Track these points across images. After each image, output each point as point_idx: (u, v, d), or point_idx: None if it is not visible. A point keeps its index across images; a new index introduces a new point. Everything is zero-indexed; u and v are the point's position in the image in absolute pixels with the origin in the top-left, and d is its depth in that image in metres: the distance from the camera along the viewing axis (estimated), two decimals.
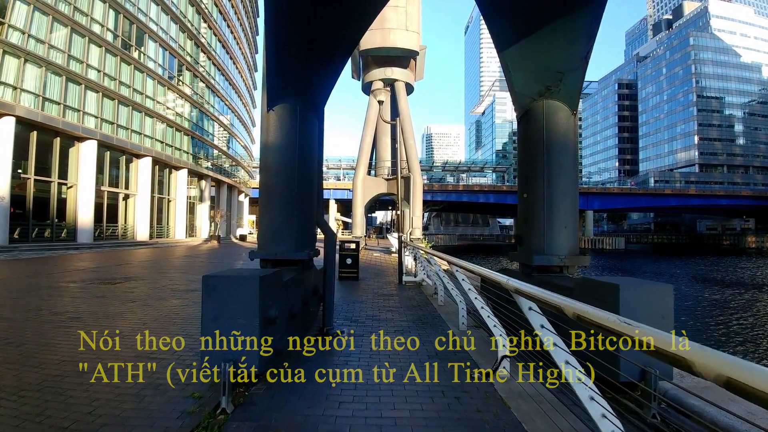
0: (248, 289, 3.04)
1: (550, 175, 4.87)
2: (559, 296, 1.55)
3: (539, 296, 1.71)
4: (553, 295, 1.62)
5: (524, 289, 1.89)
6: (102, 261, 14.48)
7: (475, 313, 5.83)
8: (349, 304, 7.12)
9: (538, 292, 1.74)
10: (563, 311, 1.44)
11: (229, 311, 3.02)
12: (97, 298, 7.26)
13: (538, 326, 2.02)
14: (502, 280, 2.20)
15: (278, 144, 4.60)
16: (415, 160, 22.18)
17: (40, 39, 20.60)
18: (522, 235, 5.30)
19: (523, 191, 5.31)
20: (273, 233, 4.65)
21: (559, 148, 4.88)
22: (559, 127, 4.86)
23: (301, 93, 4.74)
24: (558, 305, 1.48)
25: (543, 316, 2.04)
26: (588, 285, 3.61)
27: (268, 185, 4.69)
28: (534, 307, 2.04)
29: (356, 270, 10.31)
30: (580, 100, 26.43)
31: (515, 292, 1.98)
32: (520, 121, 5.42)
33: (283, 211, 4.66)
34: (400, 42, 21.07)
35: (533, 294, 1.78)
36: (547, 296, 1.63)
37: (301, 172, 4.72)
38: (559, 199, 4.85)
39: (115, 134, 24.97)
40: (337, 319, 5.96)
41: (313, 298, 5.33)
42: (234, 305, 3.02)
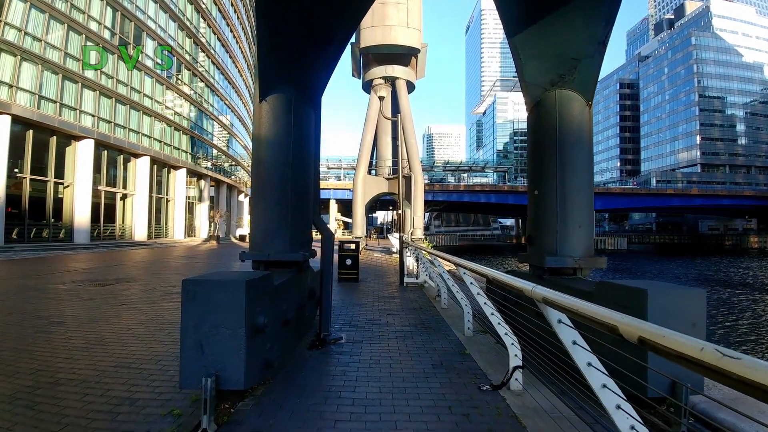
0: (232, 295, 2.72)
1: (564, 170, 4.53)
2: (611, 311, 1.23)
3: (578, 309, 1.38)
4: (599, 308, 1.29)
5: (556, 300, 1.56)
6: (97, 262, 14.18)
7: (481, 316, 5.51)
8: (348, 307, 6.80)
9: (577, 304, 1.41)
10: (618, 331, 1.12)
11: (211, 319, 2.70)
12: (84, 300, 6.95)
13: (569, 342, 1.69)
14: (526, 287, 1.88)
15: (271, 136, 4.28)
16: (417, 159, 21.84)
17: (37, 37, 20.33)
18: (533, 234, 4.95)
19: (533, 188, 4.96)
20: (265, 233, 4.33)
21: (572, 142, 4.54)
22: (572, 119, 4.53)
23: (296, 81, 4.41)
24: (611, 323, 1.15)
25: (576, 331, 1.71)
26: (609, 290, 3.28)
27: (260, 181, 4.37)
28: (565, 320, 1.71)
29: (356, 271, 9.99)
30: None
31: (543, 302, 1.66)
32: (531, 113, 5.07)
33: (276, 209, 4.33)
34: (401, 39, 20.73)
35: (568, 306, 1.45)
36: (593, 310, 1.29)
37: (296, 167, 4.40)
38: (573, 197, 4.51)
39: (113, 133, 24.67)
40: (336, 323, 5.64)
41: (309, 302, 5.01)
42: (216, 313, 2.70)
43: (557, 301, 1.56)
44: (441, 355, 4.22)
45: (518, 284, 2.06)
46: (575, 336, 1.69)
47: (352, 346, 4.50)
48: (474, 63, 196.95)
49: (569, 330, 1.71)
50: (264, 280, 3.07)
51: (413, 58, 22.38)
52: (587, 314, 1.31)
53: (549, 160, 4.68)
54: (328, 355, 4.18)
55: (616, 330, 1.14)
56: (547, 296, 1.62)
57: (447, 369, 3.80)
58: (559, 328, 1.72)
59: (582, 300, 1.44)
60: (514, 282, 2.14)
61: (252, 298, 2.80)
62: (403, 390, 3.31)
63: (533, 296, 1.77)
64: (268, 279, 3.18)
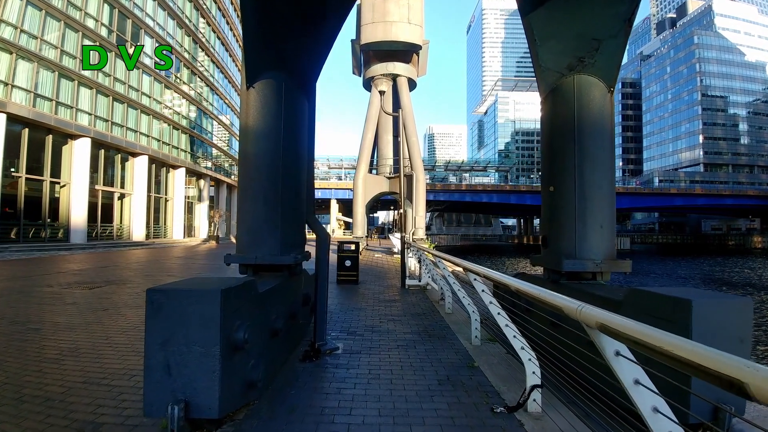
0: (205, 307, 2.30)
1: (583, 164, 4.10)
2: (723, 354, 0.83)
3: (661, 345, 0.95)
4: (697, 347, 0.88)
5: (618, 327, 1.13)
6: (91, 262, 13.82)
7: (488, 322, 5.11)
8: (346, 312, 6.41)
9: (655, 336, 0.99)
10: (748, 390, 0.72)
11: (179, 335, 2.30)
12: (67, 305, 6.57)
13: (630, 381, 1.27)
14: (570, 307, 1.45)
15: (259, 126, 3.87)
16: (418, 158, 21.43)
17: (33, 34, 20.02)
18: (548, 235, 4.51)
19: (548, 184, 4.51)
20: (253, 233, 3.92)
21: (593, 133, 4.12)
22: (593, 107, 4.11)
23: (287, 66, 4.00)
24: (736, 378, 0.75)
25: (640, 367, 1.30)
26: (642, 298, 2.87)
27: (247, 176, 3.97)
28: (626, 352, 1.30)
29: (356, 273, 9.60)
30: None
31: (598, 328, 1.25)
32: (545, 101, 4.63)
33: (264, 207, 3.92)
34: (402, 35, 20.31)
35: (639, 337, 1.01)
36: (692, 350, 0.88)
37: (287, 160, 3.99)
38: (594, 193, 4.09)
39: (110, 132, 24.33)
40: (332, 330, 5.25)
41: (302, 309, 4.61)
42: (187, 328, 2.31)
43: (620, 330, 1.14)
44: (447, 368, 3.82)
45: (559, 302, 1.60)
46: (638, 373, 1.27)
47: (350, 357, 4.10)
48: (475, 62, 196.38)
49: (631, 366, 1.29)
50: (245, 287, 2.66)
51: (415, 55, 21.96)
52: (681, 356, 0.90)
53: (566, 154, 4.24)
54: (323, 368, 3.78)
55: (746, 390, 0.74)
56: (606, 322, 1.20)
57: (454, 385, 3.40)
58: (617, 362, 1.31)
59: (658, 330, 1.04)
60: (553, 299, 1.67)
61: (229, 309, 2.40)
62: (405, 412, 2.90)
63: (582, 319, 1.36)
64: (250, 286, 2.77)
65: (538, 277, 4.78)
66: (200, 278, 2.79)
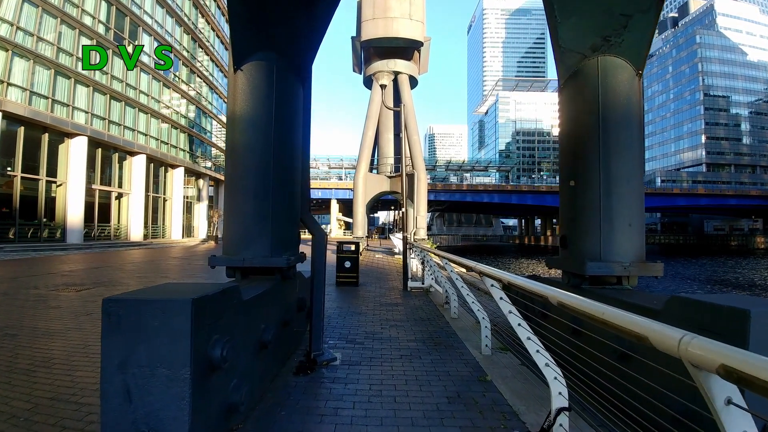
0: (172, 320, 1.91)
1: (608, 156, 3.70)
2: None
3: None
4: None
5: (758, 372, 0.76)
6: (84, 263, 13.46)
7: (498, 328, 4.73)
8: (345, 317, 6.03)
9: None
10: None
11: (142, 355, 1.90)
12: (50, 308, 6.21)
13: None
14: (671, 338, 0.96)
15: (248, 114, 3.50)
16: (420, 157, 21.03)
17: (29, 31, 19.70)
18: (568, 235, 4.08)
19: (568, 178, 4.08)
20: (241, 233, 3.53)
21: (619, 121, 3.72)
22: (619, 92, 3.72)
23: (279, 46, 3.62)
24: None
25: (750, 415, 0.90)
26: (687, 308, 2.49)
27: (235, 170, 3.59)
28: (738, 399, 0.89)
29: (356, 274, 9.22)
30: None
31: (723, 372, 0.83)
32: (565, 86, 4.20)
33: (254, 203, 3.54)
34: (403, 32, 19.90)
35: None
36: None
37: (280, 152, 3.61)
38: (621, 188, 3.69)
39: (107, 130, 23.99)
40: (330, 337, 4.87)
41: (298, 315, 4.24)
42: (150, 345, 1.92)
43: (760, 376, 0.76)
44: (457, 383, 3.44)
45: (644, 328, 1.14)
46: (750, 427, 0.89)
47: (348, 370, 3.72)
48: (476, 62, 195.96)
49: (744, 418, 0.89)
50: (226, 295, 2.27)
51: (416, 52, 21.56)
52: None
53: (589, 144, 3.82)
54: (318, 383, 3.40)
55: None
56: (737, 365, 0.79)
57: (466, 404, 3.01)
58: (727, 413, 0.88)
59: None
60: (632, 323, 1.23)
61: (204, 322, 2.02)
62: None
63: (691, 358, 0.93)
64: (232, 293, 2.38)
65: (554, 280, 4.37)
66: (172, 284, 2.39)
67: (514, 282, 2.42)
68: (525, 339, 2.53)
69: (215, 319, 2.13)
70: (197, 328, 1.93)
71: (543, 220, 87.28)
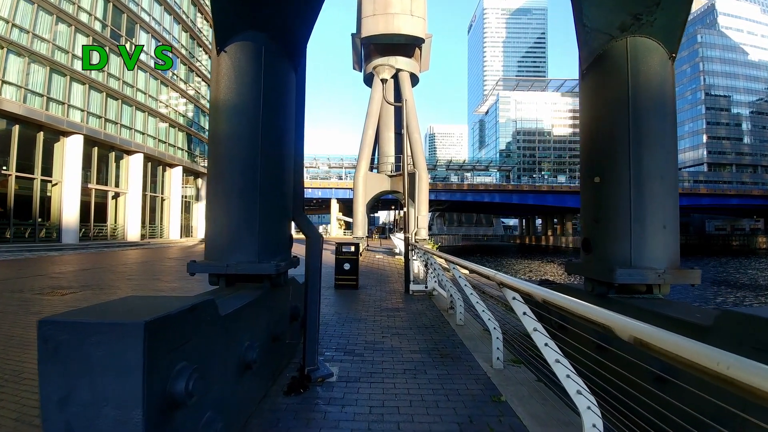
0: (120, 347, 1.52)
1: (639, 149, 3.31)
2: None
3: None
4: None
5: None
6: (77, 264, 13.10)
7: (509, 338, 4.36)
8: (344, 324, 5.66)
9: None
10: None
11: (85, 390, 1.53)
12: (31, 314, 5.85)
13: None
14: None
15: (233, 101, 3.13)
16: (421, 155, 20.66)
17: (24, 28, 19.37)
18: (591, 237, 3.68)
19: (591, 174, 3.69)
20: (225, 235, 3.16)
21: (652, 109, 3.34)
22: (652, 77, 3.34)
23: (268, 25, 3.24)
24: None
25: None
26: (741, 324, 2.12)
27: (218, 163, 3.22)
28: None
29: (355, 277, 8.85)
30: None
31: None
32: (588, 72, 3.79)
33: (240, 202, 3.16)
34: (404, 28, 19.52)
35: None
36: None
37: (269, 144, 3.24)
38: (654, 185, 3.31)
39: (103, 129, 23.63)
40: (327, 347, 4.51)
41: (291, 326, 3.88)
42: (94, 378, 1.54)
43: None
44: (468, 404, 3.07)
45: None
46: None
47: (346, 388, 3.35)
48: (476, 62, 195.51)
49: None
50: (195, 312, 1.88)
51: (417, 50, 21.19)
52: None
53: (618, 135, 3.42)
54: (312, 405, 3.03)
55: None
56: None
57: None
58: None
59: None
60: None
61: (162, 348, 1.64)
62: None
63: None
64: (204, 309, 1.99)
65: (575, 289, 3.98)
66: (133, 299, 2.01)
67: (548, 298, 2.05)
68: (553, 361, 2.17)
69: (180, 343, 1.74)
70: (153, 357, 1.54)
71: (544, 220, 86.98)
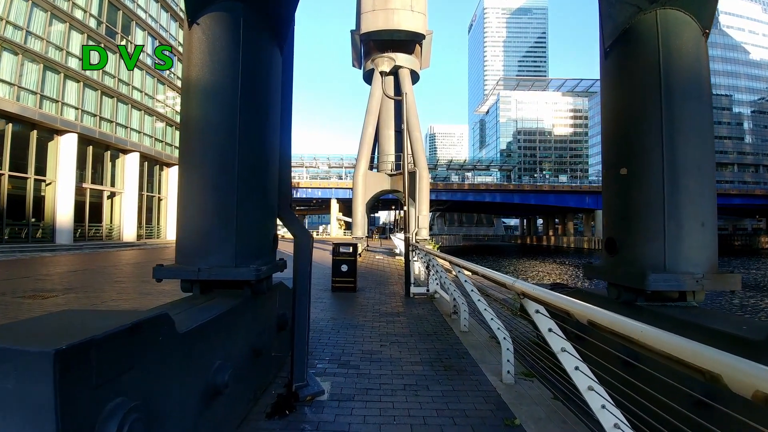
0: (26, 384, 1.11)
1: (673, 136, 2.87)
2: None
3: None
4: None
5: None
6: (68, 265, 12.70)
7: (519, 344, 3.95)
8: (339, 331, 5.26)
9: None
10: None
11: None
12: (5, 320, 5.44)
13: None
14: None
15: (206, 80, 2.72)
16: (422, 153, 20.25)
17: (18, 25, 19.02)
18: (616, 237, 3.23)
19: (616, 165, 3.24)
20: (197, 236, 2.74)
21: (686, 88, 2.91)
22: (685, 55, 2.92)
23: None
24: None
25: None
26: None
27: (189, 151, 2.80)
28: None
29: (353, 279, 8.44)
30: (586, 98, 24.10)
31: None
32: (612, 50, 3.35)
33: (214, 197, 2.75)
34: (404, 24, 19.12)
35: None
36: None
37: (248, 130, 2.82)
38: (691, 177, 2.88)
39: (98, 127, 23.24)
40: (319, 358, 4.10)
41: (278, 337, 3.47)
42: (6, 419, 1.11)
43: None
44: (478, 429, 2.67)
45: None
46: None
47: (338, 408, 2.95)
48: (477, 62, 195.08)
49: None
50: (139, 332, 1.45)
51: (418, 46, 20.79)
52: None
53: (648, 120, 2.97)
54: (298, 431, 2.63)
55: None
56: None
57: None
58: None
59: None
60: None
61: (87, 384, 1.21)
62: None
63: None
64: (153, 328, 1.55)
65: (596, 295, 3.55)
66: (70, 314, 1.57)
67: (596, 319, 1.62)
68: (585, 389, 1.76)
69: (114, 374, 1.33)
70: (70, 394, 1.14)
71: (545, 220, 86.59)
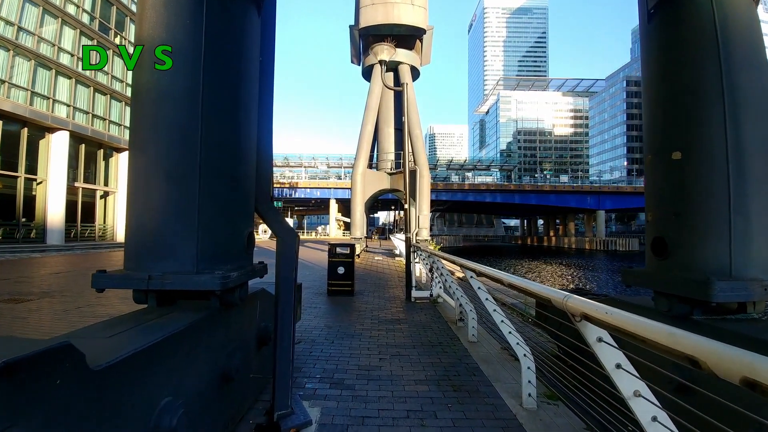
0: None
1: (737, 113, 2.29)
2: None
3: None
4: None
5: None
6: (54, 266, 12.16)
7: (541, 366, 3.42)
8: (333, 342, 4.73)
9: None
10: None
11: None
12: None
13: None
14: None
15: (160, 37, 2.19)
16: (422, 152, 19.73)
17: (9, 20, 18.51)
18: (668, 236, 2.69)
19: (667, 147, 2.67)
20: (148, 235, 2.19)
21: (748, 59, 2.38)
22: (742, 19, 2.40)
23: None
24: None
25: None
26: None
27: (139, 130, 2.27)
28: None
29: (350, 282, 7.91)
30: (586, 98, 23.50)
31: None
32: (656, 11, 2.81)
33: (169, 187, 2.21)
34: (405, 18, 18.61)
35: None
36: None
37: (213, 105, 2.29)
38: (760, 163, 2.34)
39: (90, 125, 22.72)
40: (309, 375, 3.58)
41: (257, 355, 2.95)
42: None
43: None
44: None
45: None
46: None
47: None
48: (477, 62, 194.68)
49: None
50: (18, 372, 0.94)
51: (418, 42, 20.29)
52: None
53: (706, 93, 2.40)
54: None
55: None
56: None
57: None
58: None
59: None
60: None
61: None
62: None
63: None
64: (45, 367, 1.01)
65: (641, 307, 2.99)
66: None
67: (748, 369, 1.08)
68: (648, 421, 1.23)
69: None
70: None
71: (546, 220, 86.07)
